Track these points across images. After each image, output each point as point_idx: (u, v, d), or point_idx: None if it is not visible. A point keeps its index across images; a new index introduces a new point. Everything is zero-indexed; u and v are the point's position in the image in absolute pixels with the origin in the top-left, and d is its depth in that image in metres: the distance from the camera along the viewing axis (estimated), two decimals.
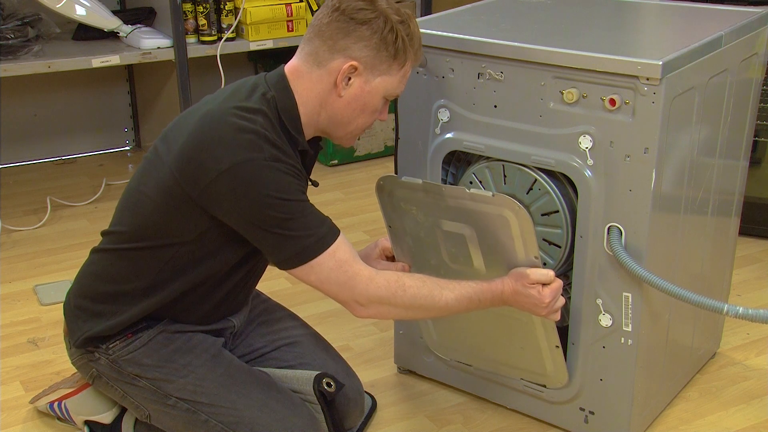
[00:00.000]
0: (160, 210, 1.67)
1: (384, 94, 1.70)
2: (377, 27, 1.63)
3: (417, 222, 1.86)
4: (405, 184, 1.83)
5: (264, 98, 1.65)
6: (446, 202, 1.79)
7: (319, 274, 1.65)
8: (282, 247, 1.63)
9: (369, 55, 1.65)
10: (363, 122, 1.73)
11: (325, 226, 1.65)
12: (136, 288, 1.74)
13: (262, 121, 1.61)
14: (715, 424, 2.05)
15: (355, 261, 1.67)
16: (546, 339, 1.87)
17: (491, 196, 1.73)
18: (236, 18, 3.23)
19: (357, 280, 1.66)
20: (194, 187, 1.61)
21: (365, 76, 1.66)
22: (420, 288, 1.69)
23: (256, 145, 1.58)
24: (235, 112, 1.61)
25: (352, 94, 1.68)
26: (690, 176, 1.85)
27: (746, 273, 2.72)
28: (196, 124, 1.63)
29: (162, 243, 1.70)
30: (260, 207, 1.59)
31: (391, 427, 2.05)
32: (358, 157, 3.71)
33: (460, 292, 1.72)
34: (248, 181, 1.57)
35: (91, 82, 3.69)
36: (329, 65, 1.65)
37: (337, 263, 1.64)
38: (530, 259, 1.75)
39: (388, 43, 1.64)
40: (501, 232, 1.76)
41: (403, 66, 1.69)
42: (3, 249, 2.94)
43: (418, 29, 1.71)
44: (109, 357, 1.78)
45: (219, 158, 1.57)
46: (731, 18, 1.95)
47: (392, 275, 1.70)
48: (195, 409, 1.76)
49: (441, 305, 1.71)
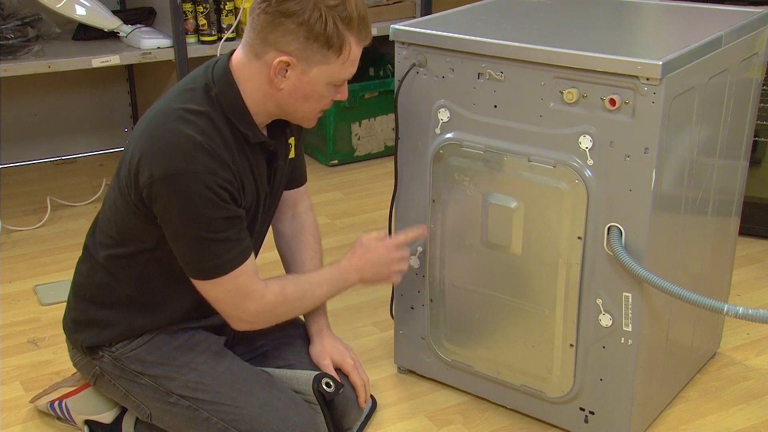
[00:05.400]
0: (124, 216, 1.71)
1: (327, 82, 1.67)
2: (303, 19, 1.58)
3: (466, 195, 1.90)
4: (466, 152, 1.86)
5: (208, 96, 1.65)
6: (503, 173, 1.82)
7: (218, 292, 1.70)
8: (191, 259, 1.67)
9: (299, 47, 1.61)
10: (311, 108, 1.71)
11: (237, 250, 1.67)
12: (126, 295, 1.77)
13: (203, 126, 1.62)
14: (715, 424, 2.05)
15: (252, 282, 1.71)
16: (562, 336, 1.87)
17: (553, 168, 1.75)
18: (236, 18, 3.23)
19: (249, 300, 1.71)
20: (136, 191, 1.64)
21: (300, 68, 1.63)
22: (297, 291, 1.81)
23: (191, 155, 1.59)
24: (178, 114, 1.62)
25: (291, 86, 1.65)
26: (690, 176, 1.85)
27: (746, 273, 2.72)
28: (144, 126, 1.66)
29: (138, 248, 1.73)
30: (182, 219, 1.62)
31: (391, 427, 2.05)
32: (358, 157, 3.71)
33: (320, 280, 1.85)
34: (177, 193, 1.59)
35: (91, 82, 3.69)
36: (264, 58, 1.63)
37: (236, 286, 1.69)
38: (573, 239, 1.76)
39: (317, 34, 1.59)
40: (552, 207, 1.78)
41: (341, 52, 1.63)
42: (3, 249, 2.94)
43: (360, 8, 1.63)
44: (112, 354, 1.80)
45: (156, 163, 1.60)
46: (731, 18, 1.95)
47: (277, 286, 1.76)
48: (196, 406, 1.77)
49: (310, 303, 1.86)
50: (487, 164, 1.86)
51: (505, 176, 1.84)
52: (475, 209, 1.91)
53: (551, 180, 1.78)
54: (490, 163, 1.85)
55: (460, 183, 1.91)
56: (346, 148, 3.67)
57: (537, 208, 1.82)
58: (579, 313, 1.85)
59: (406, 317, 2.14)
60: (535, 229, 1.84)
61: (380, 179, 3.52)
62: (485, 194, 1.88)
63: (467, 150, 1.88)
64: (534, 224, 1.84)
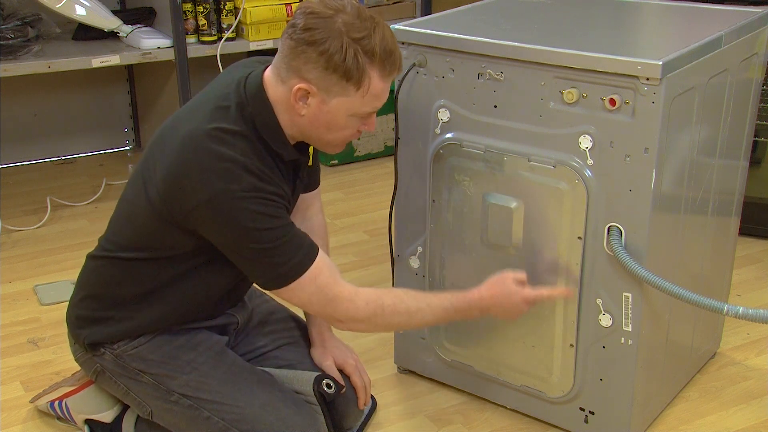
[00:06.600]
0: (152, 226, 1.69)
1: (348, 114, 1.64)
2: (324, 49, 1.56)
3: (465, 194, 1.90)
4: (466, 152, 1.86)
5: (242, 115, 1.63)
6: (503, 173, 1.83)
7: (301, 295, 1.67)
8: (262, 272, 1.66)
9: (318, 77, 1.58)
10: (334, 137, 1.69)
11: (303, 251, 1.65)
12: (134, 294, 1.76)
13: (242, 146, 1.61)
14: (715, 424, 2.05)
15: (335, 282, 1.69)
16: (562, 336, 1.87)
17: (552, 168, 1.75)
18: (236, 18, 3.23)
19: (337, 301, 1.69)
20: (178, 212, 1.62)
21: (321, 97, 1.61)
22: (398, 305, 1.73)
23: (234, 174, 1.58)
24: (215, 134, 1.60)
25: (312, 114, 1.64)
26: (690, 176, 1.85)
27: (746, 273, 2.72)
28: (178, 147, 1.62)
29: (158, 255, 1.72)
30: (238, 238, 1.61)
31: (391, 427, 2.05)
32: (358, 157, 3.71)
33: (437, 304, 1.77)
34: (226, 213, 1.58)
35: (91, 82, 3.68)
36: (288, 83, 1.62)
37: (317, 286, 1.67)
38: (573, 239, 1.76)
39: (336, 65, 1.56)
40: (552, 207, 1.78)
41: (360, 86, 1.59)
42: (3, 249, 2.94)
43: (386, 40, 1.61)
44: (113, 352, 1.80)
45: (199, 187, 1.58)
46: (731, 18, 1.95)
47: (372, 294, 1.72)
48: (197, 405, 1.77)
49: (417, 321, 1.78)
50: (487, 164, 1.86)
51: (505, 176, 1.84)
52: (475, 209, 1.91)
53: (551, 180, 1.78)
54: (490, 163, 1.85)
55: (460, 183, 1.91)
56: (346, 148, 3.66)
57: (537, 208, 1.82)
58: (579, 313, 1.85)
59: None
60: (535, 229, 1.84)
61: (380, 179, 3.52)
62: (485, 194, 1.88)
63: (467, 150, 1.88)
64: (534, 224, 1.84)
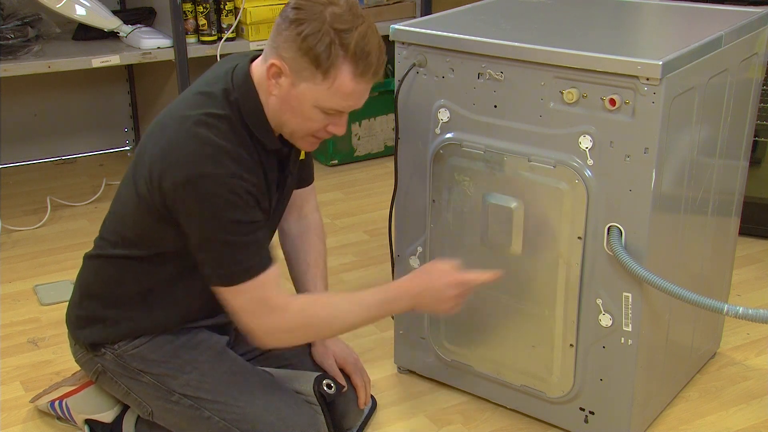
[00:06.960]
0: (141, 220, 1.69)
1: (312, 103, 1.62)
2: (302, 30, 1.55)
3: (465, 195, 1.89)
4: (466, 152, 1.86)
5: (227, 101, 1.63)
6: (504, 173, 1.82)
7: (241, 300, 1.64)
8: (215, 265, 1.63)
9: (292, 57, 1.58)
10: (299, 126, 1.67)
11: (260, 255, 1.63)
12: (133, 294, 1.76)
13: (225, 129, 1.60)
14: (715, 424, 2.05)
15: (277, 294, 1.65)
16: (563, 336, 1.87)
17: (552, 168, 1.75)
18: (236, 18, 3.23)
19: (272, 314, 1.65)
20: (161, 197, 1.62)
21: (291, 79, 1.60)
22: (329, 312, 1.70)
23: (216, 159, 1.57)
24: (198, 118, 1.60)
25: (281, 95, 1.63)
26: (690, 176, 1.85)
27: (746, 273, 2.72)
28: (160, 132, 1.63)
29: (150, 253, 1.72)
30: (207, 223, 1.59)
31: (391, 427, 2.05)
32: (358, 157, 3.71)
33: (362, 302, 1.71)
34: (202, 197, 1.57)
35: (91, 82, 3.68)
36: (268, 61, 1.62)
37: (260, 295, 1.64)
38: (573, 239, 1.76)
39: (307, 49, 1.55)
40: (552, 207, 1.78)
41: (327, 76, 1.57)
42: (3, 249, 2.94)
43: (367, 41, 1.58)
44: (114, 352, 1.80)
45: (177, 168, 1.57)
46: (731, 18, 1.95)
47: (306, 302, 1.72)
48: (198, 405, 1.77)
49: (348, 325, 1.74)
50: (487, 164, 1.86)
51: (505, 176, 1.84)
52: (475, 209, 1.91)
53: (551, 180, 1.78)
54: (490, 163, 1.85)
55: (460, 183, 1.91)
56: (346, 148, 3.67)
57: (537, 208, 1.82)
58: (579, 313, 1.85)
59: (406, 317, 2.14)
60: (535, 229, 1.84)
61: (380, 179, 3.52)
62: (485, 194, 1.88)
63: (467, 150, 1.88)
64: (534, 224, 1.84)
